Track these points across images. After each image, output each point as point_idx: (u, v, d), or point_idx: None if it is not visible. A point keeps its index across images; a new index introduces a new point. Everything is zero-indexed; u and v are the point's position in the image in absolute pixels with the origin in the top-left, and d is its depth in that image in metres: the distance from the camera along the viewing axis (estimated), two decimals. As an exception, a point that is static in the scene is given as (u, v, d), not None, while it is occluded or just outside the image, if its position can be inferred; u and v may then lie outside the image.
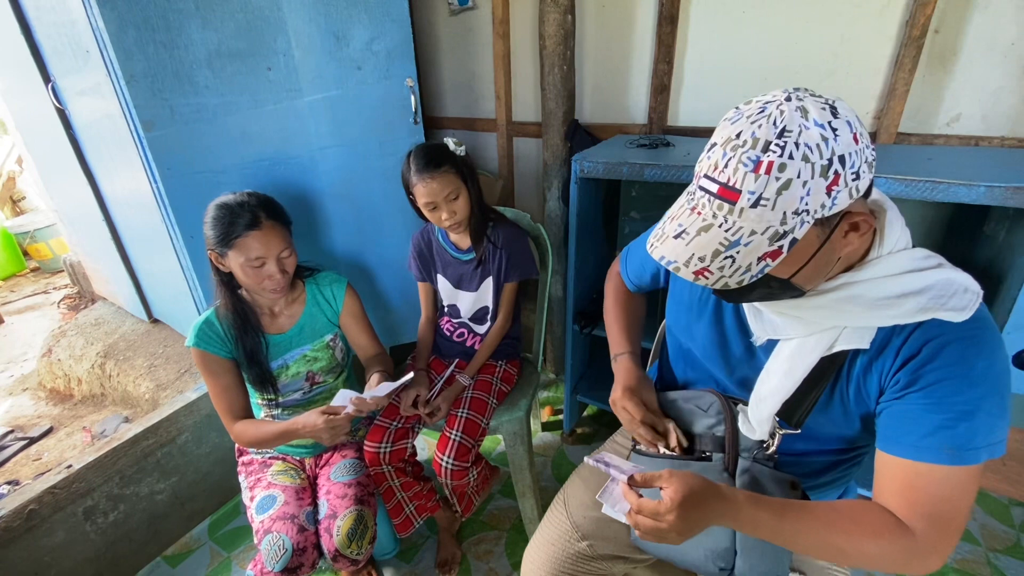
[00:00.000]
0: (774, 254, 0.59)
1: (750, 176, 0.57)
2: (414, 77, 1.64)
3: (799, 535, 0.67)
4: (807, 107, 0.57)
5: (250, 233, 1.13)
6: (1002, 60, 1.33)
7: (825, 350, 0.71)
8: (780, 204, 0.57)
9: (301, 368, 1.32)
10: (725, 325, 0.85)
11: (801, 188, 0.56)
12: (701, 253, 0.61)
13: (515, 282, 1.45)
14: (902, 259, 0.67)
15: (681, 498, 0.64)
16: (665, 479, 0.67)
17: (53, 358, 2.40)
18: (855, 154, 0.56)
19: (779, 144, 0.56)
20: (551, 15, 1.71)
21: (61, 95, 1.73)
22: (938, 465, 0.63)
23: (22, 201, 4.83)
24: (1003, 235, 1.22)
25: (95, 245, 2.26)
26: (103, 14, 1.22)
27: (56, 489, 1.39)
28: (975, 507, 1.64)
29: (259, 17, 1.38)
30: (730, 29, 1.62)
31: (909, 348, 0.66)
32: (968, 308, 0.63)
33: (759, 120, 0.57)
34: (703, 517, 0.66)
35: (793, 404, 0.75)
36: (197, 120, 1.39)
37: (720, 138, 0.60)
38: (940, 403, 0.64)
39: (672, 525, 0.65)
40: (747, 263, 0.59)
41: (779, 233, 0.58)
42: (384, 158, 1.67)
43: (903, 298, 0.64)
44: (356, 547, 1.18)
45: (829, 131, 0.56)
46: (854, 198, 0.58)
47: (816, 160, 0.55)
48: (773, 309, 0.75)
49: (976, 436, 0.62)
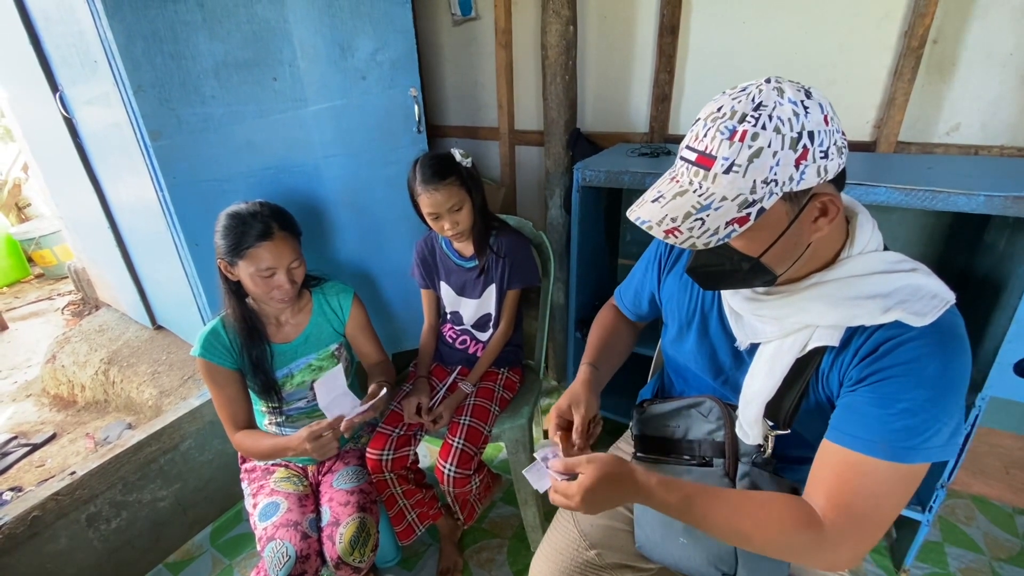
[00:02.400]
0: (741, 220, 0.62)
1: (725, 143, 0.61)
2: (418, 87, 1.66)
3: (706, 520, 0.70)
4: (783, 88, 0.61)
5: (262, 244, 1.14)
6: (1000, 70, 1.34)
7: (800, 350, 0.73)
8: (751, 172, 0.60)
9: (306, 377, 1.32)
10: (711, 336, 0.88)
11: (771, 158, 0.59)
12: (674, 214, 0.64)
13: (518, 290, 1.46)
14: (872, 260, 0.69)
15: (589, 483, 0.70)
16: (583, 466, 0.72)
17: (57, 364, 2.41)
18: (824, 133, 0.60)
19: (754, 115, 0.60)
20: (553, 25, 1.73)
21: (69, 104, 1.75)
22: (869, 457, 0.64)
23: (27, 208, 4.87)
24: (1003, 244, 1.23)
25: (100, 252, 2.27)
26: (112, 25, 1.23)
27: (59, 496, 1.40)
28: (978, 515, 1.64)
29: (265, 28, 1.40)
30: (730, 39, 1.64)
31: (868, 346, 0.67)
32: (931, 313, 0.63)
33: (739, 96, 0.63)
34: (612, 497, 0.73)
35: (776, 404, 0.77)
36: (203, 129, 1.41)
37: (704, 113, 0.65)
38: (884, 398, 0.65)
39: (578, 504, 0.71)
40: (715, 226, 0.62)
41: (748, 201, 0.61)
42: (388, 166, 1.68)
43: (870, 299, 0.66)
44: (359, 555, 1.18)
45: (801, 108, 0.60)
46: (822, 177, 0.61)
47: (787, 132, 0.59)
48: (752, 312, 0.77)
49: (915, 436, 0.63)
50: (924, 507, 1.37)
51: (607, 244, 1.97)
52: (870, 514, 0.65)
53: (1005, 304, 1.16)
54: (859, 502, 0.65)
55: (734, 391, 0.87)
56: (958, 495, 1.72)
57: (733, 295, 0.80)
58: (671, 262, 0.96)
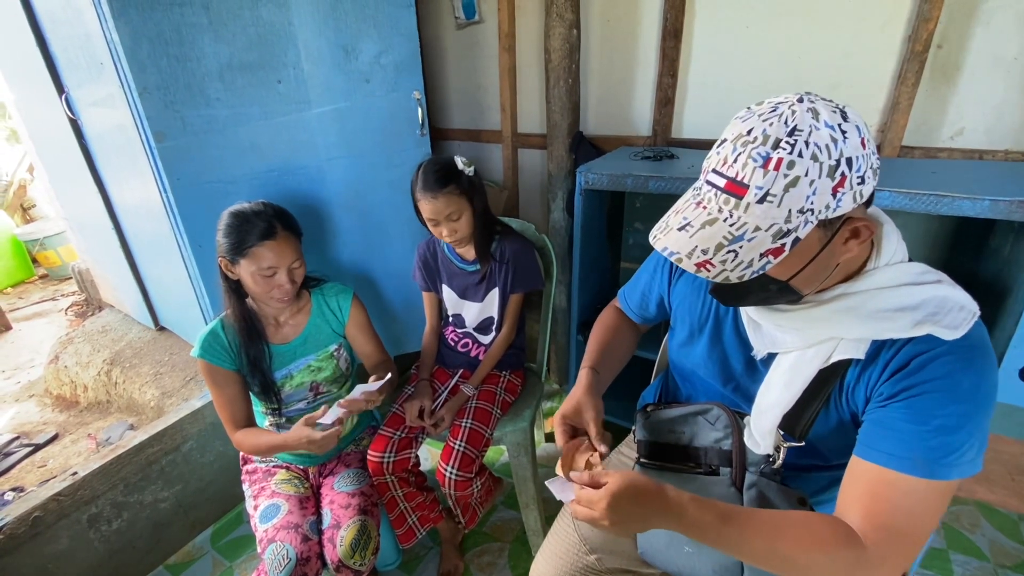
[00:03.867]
0: (776, 251, 0.59)
1: (759, 172, 0.58)
2: (421, 90, 1.66)
3: (744, 542, 0.65)
4: (818, 109, 0.58)
5: (264, 243, 1.14)
6: (1005, 74, 1.34)
7: (823, 362, 0.71)
8: (786, 201, 0.58)
9: (305, 378, 1.32)
10: (724, 343, 0.86)
11: (808, 187, 0.57)
12: (704, 246, 0.61)
13: (521, 293, 1.46)
14: (899, 272, 0.67)
15: (616, 489, 0.65)
16: (610, 475, 0.67)
17: (60, 365, 2.41)
18: (862, 158, 0.58)
19: (789, 142, 0.57)
20: (557, 29, 1.73)
21: (74, 106, 1.76)
22: (906, 475, 0.62)
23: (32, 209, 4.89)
24: (1008, 249, 1.22)
25: (104, 253, 2.28)
26: (118, 28, 1.24)
27: (61, 496, 1.40)
28: (983, 522, 1.63)
29: (270, 31, 1.41)
30: (733, 44, 1.64)
31: (898, 361, 0.66)
32: (962, 326, 0.62)
33: (771, 118, 0.59)
34: (641, 513, 0.66)
35: (794, 416, 0.75)
36: (208, 131, 1.41)
37: (731, 134, 0.62)
38: (920, 414, 0.63)
39: (603, 513, 0.65)
40: (749, 258, 0.60)
41: (783, 231, 0.59)
42: (391, 169, 1.69)
43: (899, 312, 0.64)
44: (359, 558, 1.18)
45: (839, 133, 0.57)
46: (857, 203, 0.59)
47: (824, 160, 0.56)
48: (772, 321, 0.75)
49: (951, 452, 0.61)
50: (928, 513, 1.36)
51: (609, 247, 1.97)
52: (910, 532, 0.63)
53: (1010, 309, 1.16)
54: (898, 520, 0.63)
55: (744, 399, 0.86)
56: (963, 502, 1.70)
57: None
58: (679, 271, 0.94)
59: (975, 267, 1.37)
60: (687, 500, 0.65)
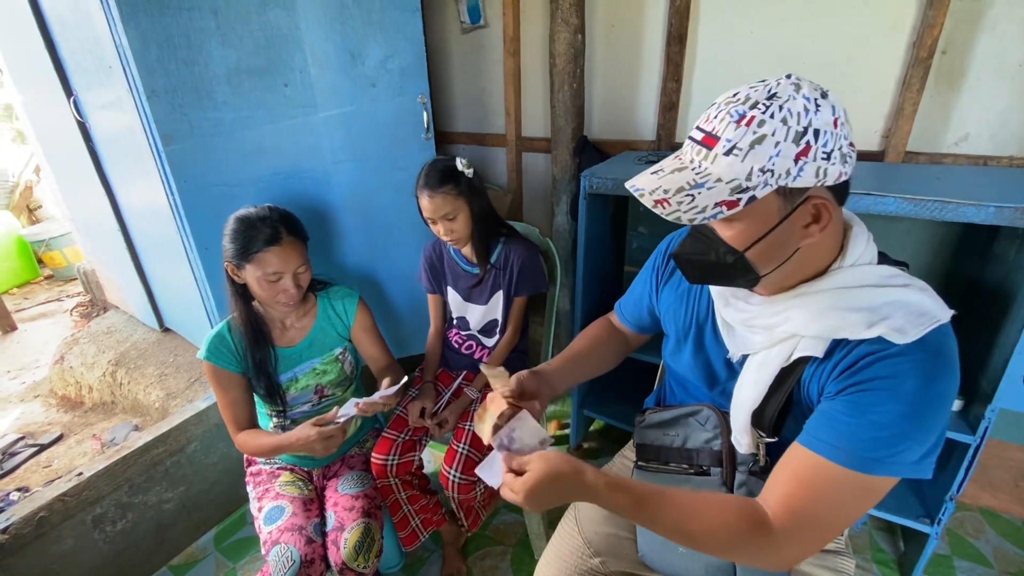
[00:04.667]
0: (731, 204, 0.62)
1: (732, 126, 0.61)
2: (427, 94, 1.67)
3: (656, 523, 0.69)
4: (801, 84, 0.62)
5: (270, 248, 1.14)
6: (1010, 80, 1.34)
7: (785, 360, 0.73)
8: (750, 158, 0.60)
9: (310, 381, 1.33)
10: (707, 348, 0.88)
11: (773, 147, 0.59)
12: (667, 186, 0.65)
13: (525, 296, 1.46)
14: (863, 273, 0.68)
15: (535, 479, 0.69)
16: (533, 461, 0.71)
17: (65, 365, 2.43)
18: (830, 134, 0.60)
19: (766, 104, 0.60)
20: (561, 34, 1.74)
21: (83, 108, 1.78)
22: (830, 462, 0.64)
23: (38, 210, 4.92)
24: (1013, 255, 1.22)
25: (109, 254, 2.29)
26: (127, 32, 1.25)
27: (66, 497, 1.40)
28: (987, 528, 1.62)
29: (277, 35, 1.42)
30: (738, 49, 1.65)
31: (849, 360, 0.67)
32: (914, 331, 0.62)
33: (757, 86, 0.63)
34: (558, 495, 0.71)
35: (760, 412, 0.77)
36: (215, 134, 1.42)
37: (720, 98, 0.66)
38: (856, 408, 0.64)
39: (524, 499, 0.70)
40: (704, 204, 0.62)
41: (741, 186, 0.61)
42: (396, 172, 1.69)
43: (855, 312, 0.65)
44: (363, 560, 1.18)
45: (813, 104, 0.60)
46: (820, 179, 0.61)
47: (793, 125, 0.59)
48: (742, 322, 0.77)
49: (879, 448, 0.62)
50: (933, 519, 1.35)
51: (613, 251, 1.98)
52: (820, 518, 0.65)
53: (1015, 316, 1.15)
54: (810, 505, 0.65)
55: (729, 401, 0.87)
56: (967, 508, 1.70)
57: (725, 306, 0.80)
58: (667, 274, 0.96)
59: (980, 274, 1.37)
60: (603, 484, 0.70)
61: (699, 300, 0.89)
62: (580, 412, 1.94)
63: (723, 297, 0.81)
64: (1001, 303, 1.22)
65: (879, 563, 1.53)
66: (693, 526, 0.68)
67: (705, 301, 0.88)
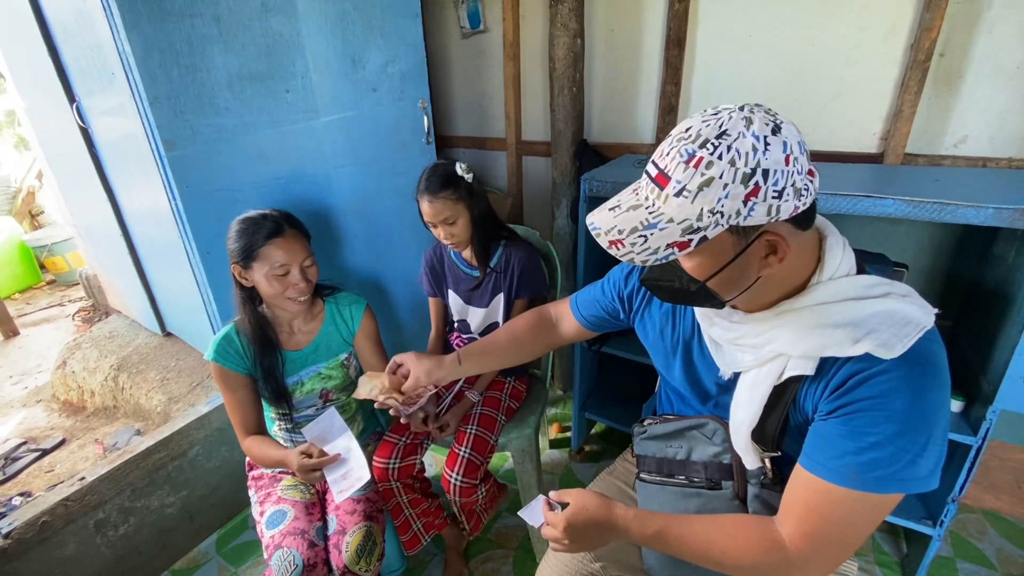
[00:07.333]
0: (682, 245, 0.62)
1: (681, 166, 0.60)
2: (427, 98, 1.68)
3: (682, 552, 0.73)
4: (753, 119, 0.60)
5: (274, 240, 1.15)
6: (1008, 82, 1.35)
7: (776, 379, 0.73)
8: (699, 200, 0.60)
9: (316, 385, 1.33)
10: (696, 365, 0.88)
11: (721, 189, 0.59)
12: (622, 226, 0.65)
13: (525, 299, 1.47)
14: (843, 286, 0.67)
15: (570, 515, 0.75)
16: (572, 496, 0.76)
17: (67, 370, 2.43)
18: (781, 172, 0.58)
19: (714, 143, 0.59)
20: (561, 38, 1.75)
21: (85, 114, 1.79)
22: (839, 487, 0.65)
23: (40, 215, 4.93)
24: (1012, 257, 1.22)
25: (112, 259, 2.30)
26: (130, 39, 1.26)
27: (69, 501, 1.41)
28: (990, 530, 1.62)
29: (279, 41, 1.43)
30: (736, 52, 1.65)
31: (838, 379, 0.67)
32: (900, 345, 0.62)
33: (709, 120, 0.61)
34: (596, 535, 0.76)
35: (760, 430, 0.77)
36: (217, 140, 1.43)
37: (675, 131, 0.64)
38: (854, 432, 0.65)
39: (564, 536, 0.76)
40: (656, 246, 0.63)
41: (693, 227, 0.61)
42: (397, 176, 1.70)
43: (840, 328, 0.65)
44: (365, 564, 1.18)
45: (762, 144, 0.58)
46: (772, 217, 0.60)
47: (740, 167, 0.58)
48: (729, 341, 0.77)
49: (881, 467, 0.63)
50: (935, 522, 1.35)
51: (614, 254, 1.98)
52: (836, 540, 0.67)
53: (1015, 317, 1.16)
54: (826, 529, 0.66)
55: (726, 415, 0.87)
56: (970, 510, 1.70)
57: (710, 325, 0.80)
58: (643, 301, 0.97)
59: (979, 275, 1.37)
60: (631, 518, 0.74)
61: (684, 318, 0.89)
62: (581, 415, 1.94)
63: (707, 317, 0.81)
64: (1001, 304, 1.22)
65: (882, 565, 1.52)
66: (715, 552, 0.71)
67: (690, 319, 0.88)
